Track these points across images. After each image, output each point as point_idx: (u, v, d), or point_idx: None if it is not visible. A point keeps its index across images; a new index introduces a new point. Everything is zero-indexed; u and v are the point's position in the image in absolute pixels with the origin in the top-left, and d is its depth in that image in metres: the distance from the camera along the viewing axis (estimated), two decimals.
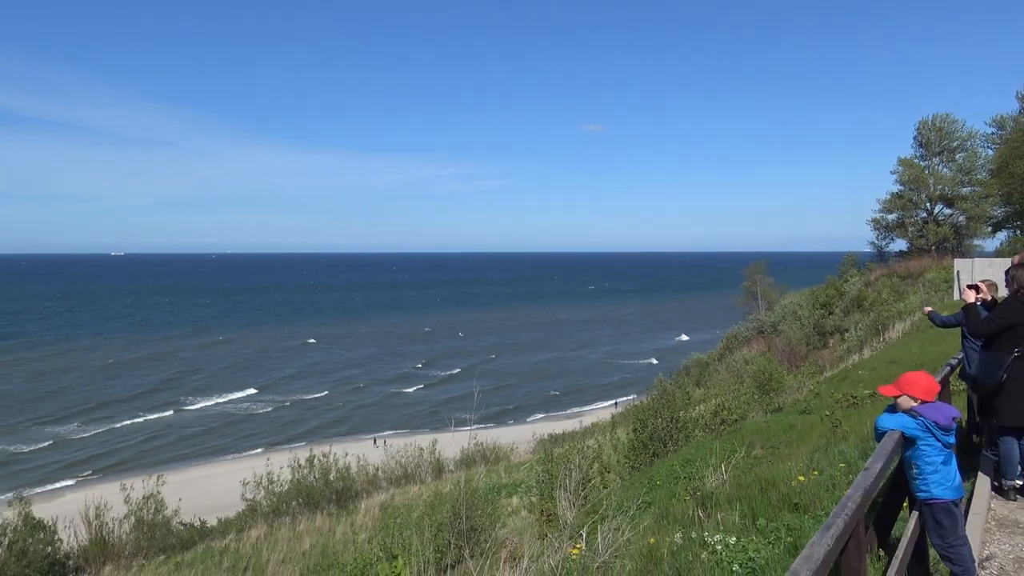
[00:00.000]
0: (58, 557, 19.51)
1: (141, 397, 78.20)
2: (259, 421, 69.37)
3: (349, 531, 22.07)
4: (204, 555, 20.90)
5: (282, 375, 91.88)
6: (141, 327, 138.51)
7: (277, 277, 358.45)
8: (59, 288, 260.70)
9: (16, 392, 78.81)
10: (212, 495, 36.60)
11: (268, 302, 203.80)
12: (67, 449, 59.11)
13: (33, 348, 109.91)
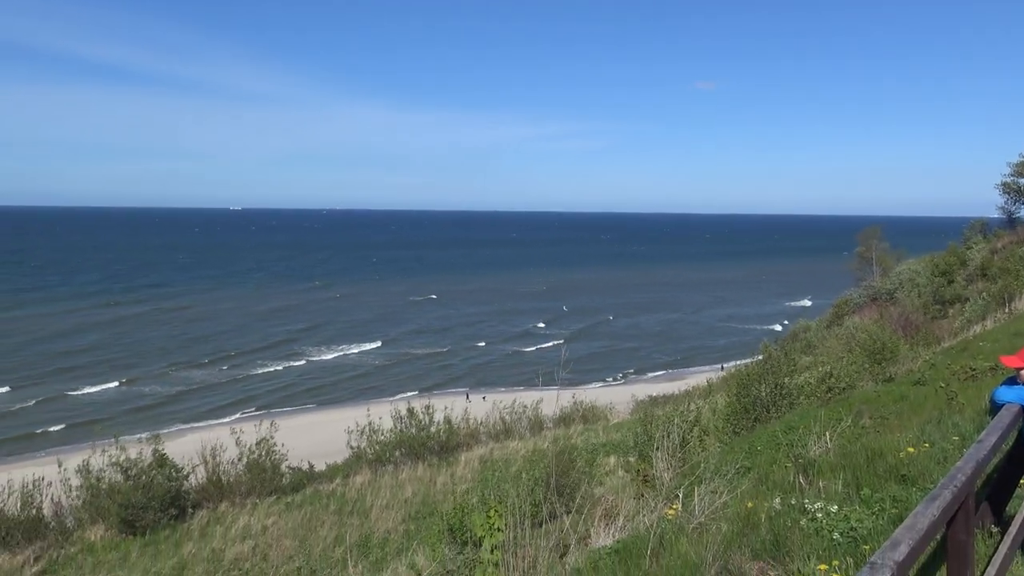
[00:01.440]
0: (179, 492, 20.79)
1: (273, 347, 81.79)
2: (382, 374, 71.50)
3: (449, 482, 22.64)
4: (312, 498, 21.87)
5: (405, 330, 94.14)
6: (268, 280, 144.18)
7: (389, 233, 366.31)
8: (188, 241, 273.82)
9: (156, 340, 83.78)
10: (323, 441, 38.12)
11: (386, 258, 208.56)
12: (197, 394, 62.68)
13: (171, 298, 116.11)
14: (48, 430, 51.70)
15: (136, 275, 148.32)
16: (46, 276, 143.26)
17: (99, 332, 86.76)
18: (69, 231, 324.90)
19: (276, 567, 17.98)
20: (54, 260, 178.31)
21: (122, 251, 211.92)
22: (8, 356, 72.96)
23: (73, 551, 18.86)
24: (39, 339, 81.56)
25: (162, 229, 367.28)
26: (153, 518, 19.71)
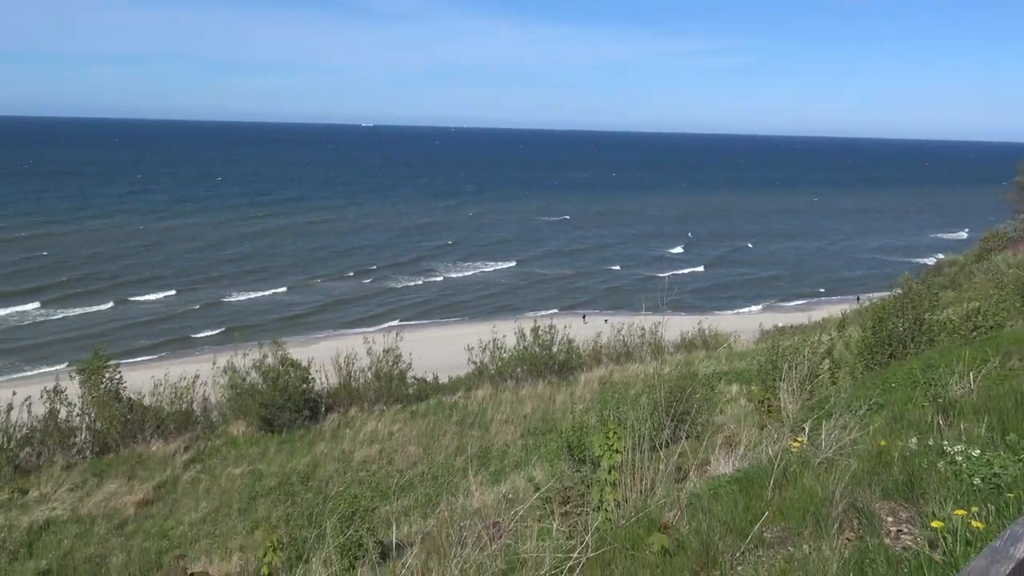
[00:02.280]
0: (312, 395, 21.95)
1: (412, 262, 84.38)
2: (513, 293, 72.65)
3: (568, 400, 22.91)
4: (436, 408, 22.64)
5: (539, 251, 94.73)
6: (406, 197, 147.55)
7: (518, 152, 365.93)
8: (322, 156, 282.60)
9: (303, 251, 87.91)
10: (448, 355, 39.20)
11: (517, 177, 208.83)
12: (339, 306, 65.70)
13: (314, 212, 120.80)
14: (207, 333, 55.38)
15: (278, 189, 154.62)
16: (196, 188, 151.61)
17: (250, 242, 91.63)
18: (209, 145, 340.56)
19: (401, 471, 18.85)
20: (202, 173, 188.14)
21: (259, 165, 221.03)
22: (172, 262, 78.33)
23: (218, 443, 20.34)
24: (199, 247, 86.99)
25: (295, 145, 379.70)
26: (289, 418, 20.94)
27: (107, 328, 55.80)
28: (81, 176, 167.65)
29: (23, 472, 18.60)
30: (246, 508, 16.95)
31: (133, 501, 17.23)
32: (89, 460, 19.49)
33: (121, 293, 65.26)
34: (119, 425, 19.98)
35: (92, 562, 15.29)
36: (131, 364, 36.73)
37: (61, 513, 16.91)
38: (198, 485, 18.12)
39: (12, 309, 59.62)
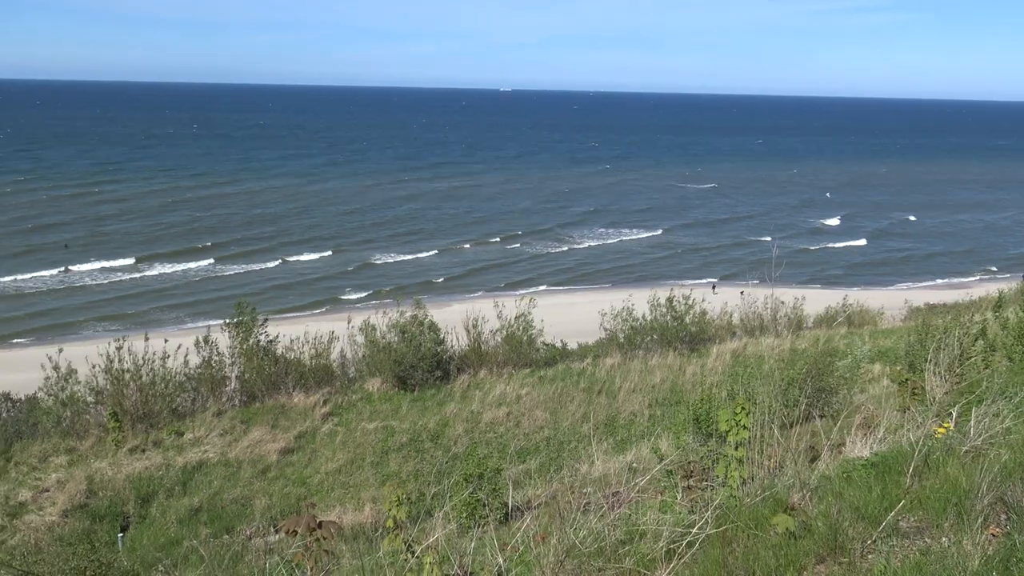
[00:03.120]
0: (444, 356, 22.48)
1: (556, 228, 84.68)
2: (656, 262, 71.89)
3: (698, 372, 22.47)
4: (564, 374, 22.72)
5: (685, 220, 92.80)
6: (550, 162, 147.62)
7: (660, 117, 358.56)
8: (464, 119, 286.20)
9: (452, 215, 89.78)
10: (578, 321, 39.21)
11: (663, 143, 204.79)
12: (484, 271, 66.95)
13: (462, 176, 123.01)
14: (357, 295, 57.58)
15: (426, 153, 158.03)
16: (347, 152, 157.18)
17: (399, 206, 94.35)
18: (358, 110, 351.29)
19: (528, 434, 19.08)
20: (355, 136, 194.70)
21: (401, 129, 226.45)
22: (327, 224, 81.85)
23: (354, 399, 21.20)
24: (351, 210, 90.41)
25: (434, 108, 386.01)
26: (422, 377, 21.55)
27: (270, 285, 58.89)
28: (242, 140, 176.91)
29: (179, 416, 20.04)
30: (378, 462, 17.63)
31: (275, 449, 18.26)
32: (237, 408, 20.77)
33: (282, 252, 68.70)
34: (264, 377, 21.14)
35: (238, 503, 16.35)
36: (285, 319, 38.74)
37: (212, 456, 18.14)
38: (335, 437, 18.98)
39: (189, 265, 63.96)
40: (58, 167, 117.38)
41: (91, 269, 61.01)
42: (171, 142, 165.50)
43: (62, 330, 46.88)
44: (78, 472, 17.39)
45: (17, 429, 19.28)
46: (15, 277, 57.71)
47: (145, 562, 13.93)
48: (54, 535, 15.05)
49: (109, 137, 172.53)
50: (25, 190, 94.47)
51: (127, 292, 56.28)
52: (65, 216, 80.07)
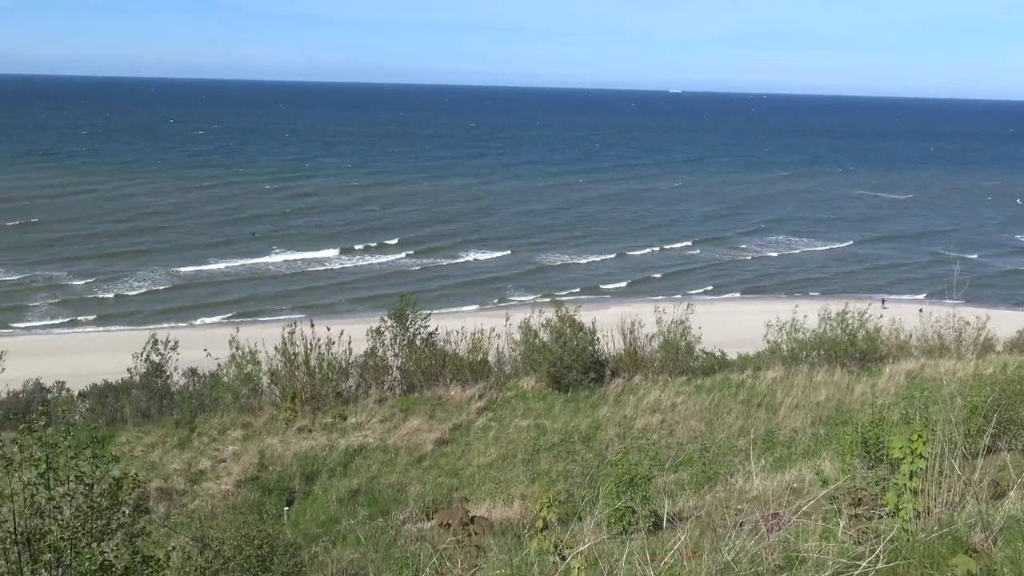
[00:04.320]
0: (599, 358, 22.37)
1: (735, 236, 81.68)
2: (832, 274, 68.16)
3: (868, 392, 21.19)
4: (722, 384, 22.05)
5: (874, 233, 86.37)
6: (727, 166, 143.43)
7: (840, 121, 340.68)
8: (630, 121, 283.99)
9: (624, 219, 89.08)
10: (739, 330, 38.01)
11: (849, 148, 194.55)
12: (643, 277, 66.30)
13: (640, 179, 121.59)
14: (523, 297, 57.94)
15: (598, 155, 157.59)
16: (520, 151, 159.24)
17: (577, 207, 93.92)
18: (528, 110, 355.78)
19: (681, 444, 18.66)
20: (527, 137, 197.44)
21: (570, 130, 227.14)
22: (505, 224, 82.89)
23: (509, 395, 21.48)
24: (529, 211, 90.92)
25: (603, 109, 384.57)
26: (576, 378, 21.54)
27: (445, 283, 60.22)
28: (418, 139, 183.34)
29: (344, 400, 21.01)
30: (529, 460, 17.77)
31: (431, 439, 18.80)
32: (397, 397, 21.55)
33: (458, 250, 70.44)
34: (424, 368, 21.81)
35: (393, 488, 16.94)
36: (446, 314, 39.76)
37: (372, 441, 18.90)
38: (488, 432, 19.30)
39: (373, 260, 66.83)
40: (253, 161, 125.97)
41: (278, 260, 64.99)
42: (353, 140, 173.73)
43: (245, 314, 50.23)
44: (252, 446, 18.60)
45: (201, 402, 20.88)
46: (211, 265, 62.38)
47: (307, 536, 14.69)
48: (228, 503, 16.15)
49: (298, 134, 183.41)
50: (225, 183, 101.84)
51: (313, 283, 59.33)
52: (260, 208, 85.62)
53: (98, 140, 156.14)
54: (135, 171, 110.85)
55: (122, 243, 67.97)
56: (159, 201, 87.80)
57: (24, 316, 49.22)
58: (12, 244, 65.82)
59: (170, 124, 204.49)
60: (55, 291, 53.91)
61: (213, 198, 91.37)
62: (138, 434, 19.53)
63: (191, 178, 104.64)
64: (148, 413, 20.96)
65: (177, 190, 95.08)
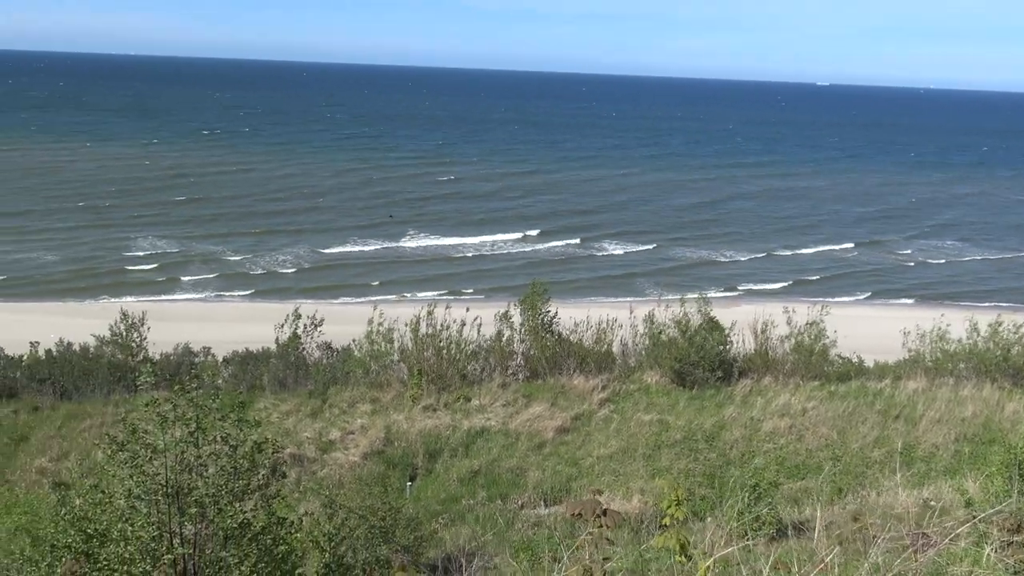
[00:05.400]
0: (727, 357, 21.82)
1: (889, 241, 76.82)
2: (984, 282, 63.84)
3: (1021, 411, 19.77)
4: (857, 392, 21.06)
5: None
6: (883, 166, 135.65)
7: (990, 118, 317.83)
8: (778, 116, 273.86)
9: (776, 216, 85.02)
10: (880, 336, 36.24)
11: (985, 145, 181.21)
12: (793, 280, 63.95)
13: (794, 176, 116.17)
14: (651, 288, 57.09)
15: (746, 149, 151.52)
16: (662, 143, 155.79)
17: (725, 204, 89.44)
18: (667, 101, 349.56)
19: (810, 451, 17.97)
20: (670, 128, 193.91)
21: (717, 122, 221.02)
22: (649, 217, 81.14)
23: (631, 388, 21.26)
24: (674, 206, 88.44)
25: (748, 102, 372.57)
26: (702, 376, 21.09)
27: (578, 275, 59.24)
28: (556, 127, 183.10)
29: (469, 383, 21.37)
30: (650, 455, 17.54)
31: (552, 426, 18.85)
32: (520, 382, 21.72)
33: (602, 241, 69.48)
34: (548, 355, 21.89)
35: (513, 473, 17.11)
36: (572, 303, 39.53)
37: (494, 424, 19.14)
38: (609, 424, 19.18)
39: (521, 248, 67.41)
40: (400, 146, 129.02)
41: (416, 244, 66.41)
42: (495, 128, 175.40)
43: (382, 294, 51.70)
44: (379, 421, 19.21)
45: (333, 375, 21.73)
46: (354, 246, 64.52)
47: (428, 512, 15.06)
48: (354, 474, 16.75)
49: (441, 121, 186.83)
50: (373, 167, 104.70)
51: (449, 268, 60.20)
52: (404, 192, 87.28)
53: (257, 121, 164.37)
54: (289, 152, 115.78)
55: (275, 222, 71.06)
56: (309, 182, 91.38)
57: (179, 285, 52.54)
58: (176, 219, 70.15)
59: (322, 107, 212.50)
60: (210, 264, 57.21)
61: (361, 181, 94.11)
62: (275, 401, 20.52)
63: (340, 161, 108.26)
64: (284, 382, 22.00)
65: (327, 173, 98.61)
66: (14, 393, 21.43)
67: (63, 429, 19.13)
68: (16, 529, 12.47)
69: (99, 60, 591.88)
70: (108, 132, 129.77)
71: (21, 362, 23.04)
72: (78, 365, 22.24)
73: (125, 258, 57.21)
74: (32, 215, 68.87)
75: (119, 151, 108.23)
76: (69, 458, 17.03)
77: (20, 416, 19.96)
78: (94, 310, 41.74)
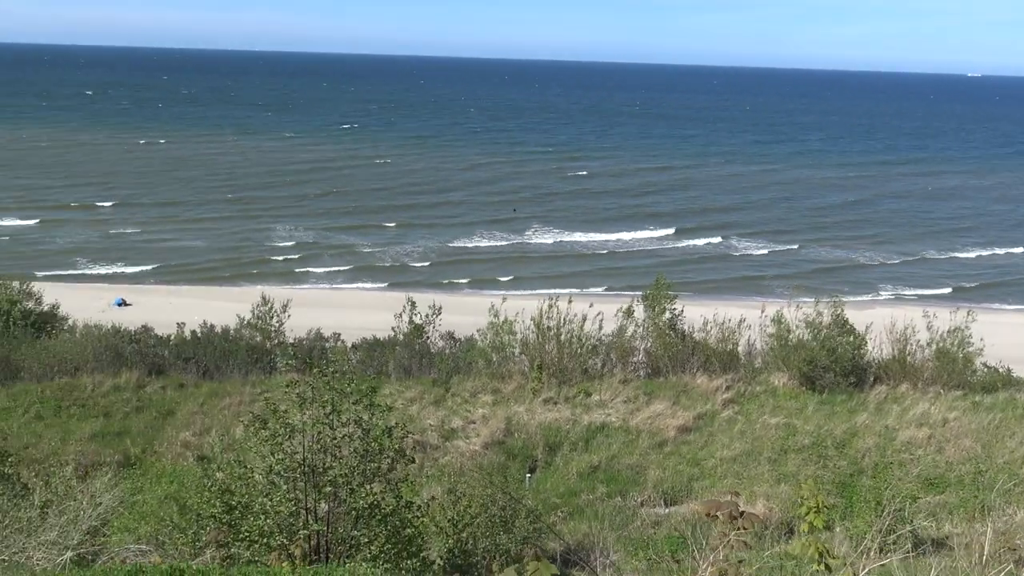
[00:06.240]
0: (861, 362, 20.90)
1: None
2: None
3: None
4: (1005, 403, 19.78)
5: None
6: (1016, 157, 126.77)
7: None
8: (923, 107, 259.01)
9: (905, 211, 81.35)
10: None
11: None
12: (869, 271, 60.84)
13: (966, 174, 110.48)
14: (778, 286, 55.10)
15: (902, 144, 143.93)
16: (808, 137, 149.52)
17: (883, 202, 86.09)
18: (816, 93, 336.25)
19: (951, 463, 16.99)
20: (815, 123, 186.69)
21: (868, 117, 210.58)
22: (788, 216, 78.49)
23: (758, 390, 20.68)
24: (827, 205, 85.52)
25: (896, 93, 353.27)
26: (833, 380, 20.30)
27: (719, 275, 57.83)
28: (686, 122, 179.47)
29: (590, 377, 21.33)
30: (776, 459, 17.02)
31: (674, 425, 18.58)
32: (642, 379, 21.51)
33: (737, 240, 67.30)
34: (671, 353, 21.58)
35: (632, 470, 16.97)
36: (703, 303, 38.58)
37: (614, 420, 19.04)
38: (733, 425, 18.73)
39: (651, 246, 66.69)
40: (524, 140, 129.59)
41: (545, 240, 66.44)
42: (625, 121, 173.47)
43: (509, 287, 52.07)
44: (500, 411, 19.44)
45: (456, 365, 22.15)
46: (479, 240, 65.33)
47: (546, 505, 15.15)
48: (475, 462, 17.02)
49: (571, 114, 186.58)
50: (500, 161, 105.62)
51: (575, 265, 59.72)
52: (533, 188, 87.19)
53: (389, 114, 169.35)
54: (422, 145, 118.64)
55: (406, 215, 72.40)
56: (440, 176, 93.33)
57: (313, 274, 54.85)
58: (314, 210, 73.23)
59: (456, 102, 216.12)
60: (343, 254, 59.47)
61: (492, 176, 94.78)
62: (400, 388, 21.10)
63: (471, 155, 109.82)
64: (409, 370, 22.59)
65: (459, 167, 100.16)
66: (162, 370, 22.88)
67: (205, 406, 20.29)
68: (165, 497, 13.35)
69: (238, 57, 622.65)
70: (252, 125, 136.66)
71: (169, 341, 24.59)
72: (219, 346, 23.53)
73: (266, 247, 60.15)
74: (186, 204, 73.49)
75: (262, 144, 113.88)
76: (211, 433, 18.03)
77: (167, 392, 21.30)
78: (235, 294, 44.03)
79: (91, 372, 21.58)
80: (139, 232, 63.05)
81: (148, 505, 13.70)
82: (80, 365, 21.87)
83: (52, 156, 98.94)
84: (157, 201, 74.66)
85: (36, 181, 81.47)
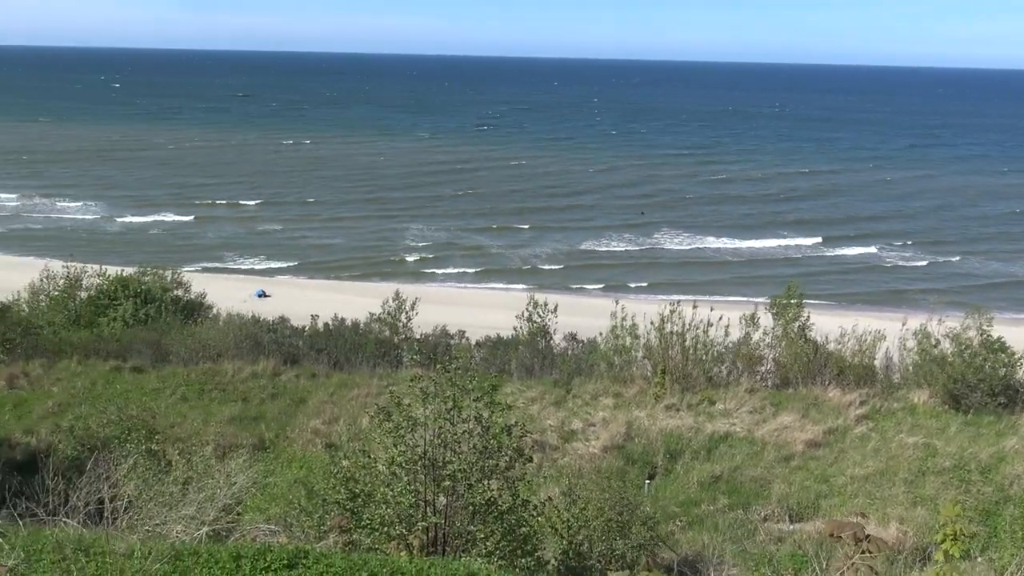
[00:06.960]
0: (1013, 381, 19.53)
1: None
2: None
3: None
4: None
5: None
6: None
7: None
8: None
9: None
10: None
11: None
12: None
13: None
14: (922, 297, 51.94)
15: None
16: (928, 136, 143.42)
17: (994, 203, 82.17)
18: (930, 91, 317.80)
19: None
20: (933, 124, 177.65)
21: (982, 118, 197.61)
22: (923, 218, 75.23)
23: (895, 407, 19.60)
24: (944, 205, 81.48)
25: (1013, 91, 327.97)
26: (979, 400, 19.03)
27: (862, 288, 55.71)
28: (824, 123, 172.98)
29: (714, 385, 20.82)
30: (912, 481, 16.08)
31: (802, 439, 17.86)
32: (769, 390, 20.80)
33: (888, 251, 64.45)
34: (802, 364, 20.78)
35: (756, 483, 16.43)
36: (834, 314, 36.99)
37: (739, 430, 18.50)
38: (867, 442, 17.84)
39: (787, 254, 64.49)
40: (668, 143, 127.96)
41: (672, 247, 65.41)
42: (763, 123, 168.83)
43: (630, 290, 51.60)
44: (620, 415, 19.26)
45: (578, 366, 22.12)
46: (608, 243, 64.98)
47: (665, 513, 14.88)
48: (594, 466, 16.91)
49: (704, 117, 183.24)
50: (629, 164, 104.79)
51: (703, 272, 58.31)
52: (664, 192, 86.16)
53: (520, 116, 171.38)
54: (553, 146, 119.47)
55: (537, 218, 73.01)
56: (572, 179, 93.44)
57: (443, 273, 56.15)
58: (448, 211, 74.95)
59: (587, 104, 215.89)
60: (474, 254, 60.63)
61: (625, 180, 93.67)
62: (521, 387, 21.23)
63: (600, 158, 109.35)
64: (531, 369, 22.72)
65: (591, 169, 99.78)
66: (296, 360, 23.93)
67: (334, 396, 21.07)
68: (294, 481, 13.96)
69: (374, 60, 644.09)
70: (389, 126, 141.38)
71: (303, 332, 25.72)
72: (349, 339, 24.40)
73: (400, 246, 62.07)
74: (327, 204, 76.89)
75: (398, 144, 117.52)
76: (339, 422, 18.70)
77: (300, 381, 22.26)
78: (366, 290, 45.58)
79: (232, 358, 22.84)
80: (282, 229, 66.49)
81: (278, 488, 14.37)
82: (222, 351, 23.19)
83: (206, 156, 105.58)
84: (299, 200, 78.43)
85: (191, 179, 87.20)
